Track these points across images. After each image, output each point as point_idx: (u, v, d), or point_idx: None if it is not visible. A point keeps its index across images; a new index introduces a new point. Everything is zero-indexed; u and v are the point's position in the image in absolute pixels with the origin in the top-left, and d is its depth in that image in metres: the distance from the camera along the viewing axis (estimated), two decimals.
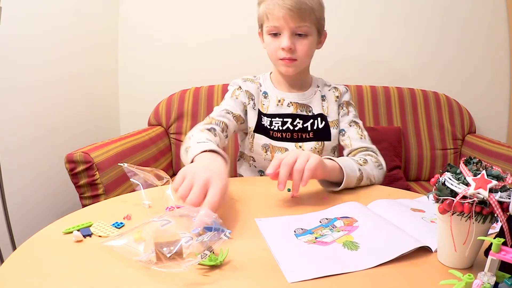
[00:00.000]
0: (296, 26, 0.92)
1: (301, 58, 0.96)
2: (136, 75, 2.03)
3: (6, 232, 1.26)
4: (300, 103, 1.03)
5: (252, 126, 1.03)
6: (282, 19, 0.91)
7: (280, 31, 0.94)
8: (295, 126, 1.01)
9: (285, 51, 0.93)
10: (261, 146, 1.02)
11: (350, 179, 0.81)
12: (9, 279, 0.47)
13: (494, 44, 1.88)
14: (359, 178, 0.83)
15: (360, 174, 0.84)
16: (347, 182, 0.80)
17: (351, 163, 0.84)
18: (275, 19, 0.92)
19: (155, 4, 1.96)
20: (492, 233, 0.49)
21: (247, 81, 1.06)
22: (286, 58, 0.94)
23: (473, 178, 0.45)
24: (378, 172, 0.91)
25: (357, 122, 1.05)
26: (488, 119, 1.93)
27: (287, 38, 0.92)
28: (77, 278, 0.47)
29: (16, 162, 1.34)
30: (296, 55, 0.95)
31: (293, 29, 0.93)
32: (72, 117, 1.66)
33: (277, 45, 0.95)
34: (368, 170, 0.87)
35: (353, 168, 0.83)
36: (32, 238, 0.58)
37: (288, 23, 0.91)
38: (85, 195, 1.23)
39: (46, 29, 1.47)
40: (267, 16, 0.94)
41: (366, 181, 0.86)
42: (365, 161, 0.90)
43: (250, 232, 0.61)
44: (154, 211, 0.69)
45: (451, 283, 0.41)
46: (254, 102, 1.03)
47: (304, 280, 0.47)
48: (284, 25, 0.92)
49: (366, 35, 1.93)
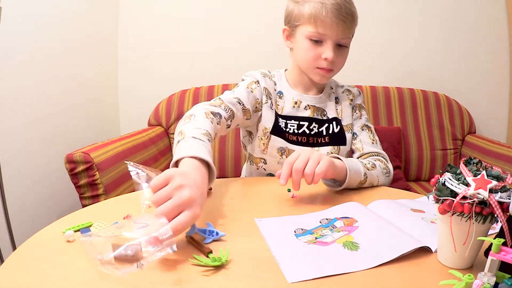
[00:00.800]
0: (343, 37, 0.89)
1: (338, 69, 0.94)
2: (136, 75, 2.03)
3: (6, 232, 1.26)
4: (317, 107, 0.99)
5: (269, 127, 0.95)
6: (330, 28, 0.86)
7: (324, 39, 0.88)
8: (311, 130, 0.97)
9: (327, 61, 0.89)
10: (277, 148, 0.96)
11: (351, 181, 0.80)
12: (9, 279, 0.47)
13: (494, 44, 1.89)
14: (361, 182, 0.83)
15: (364, 178, 0.83)
16: (349, 183, 0.80)
17: (358, 166, 0.83)
18: (323, 26, 0.86)
19: (155, 4, 1.96)
20: (492, 234, 0.49)
21: (266, 76, 0.99)
22: (326, 68, 0.90)
23: (473, 179, 0.45)
24: (384, 179, 0.90)
25: (369, 127, 1.03)
26: (488, 119, 1.94)
27: (331, 49, 0.88)
28: (77, 278, 0.47)
29: (16, 162, 1.34)
30: (334, 66, 0.92)
31: (340, 40, 0.89)
32: (72, 117, 1.66)
33: (317, 53, 0.89)
34: (374, 175, 0.86)
35: (359, 171, 0.82)
36: (32, 238, 0.58)
37: (337, 33, 0.87)
38: (85, 195, 1.23)
39: (46, 29, 1.47)
40: (315, 19, 0.86)
41: (368, 185, 0.86)
42: (373, 166, 0.89)
43: (250, 232, 0.61)
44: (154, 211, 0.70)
45: (451, 283, 0.41)
46: (272, 102, 0.97)
47: (304, 280, 0.47)
48: (332, 35, 0.87)
49: (366, 35, 1.93)
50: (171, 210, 0.51)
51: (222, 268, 0.50)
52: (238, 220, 0.65)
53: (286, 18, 0.96)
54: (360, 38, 1.94)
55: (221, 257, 0.50)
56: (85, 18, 1.73)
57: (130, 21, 1.99)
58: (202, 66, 1.98)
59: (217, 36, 1.95)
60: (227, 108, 0.87)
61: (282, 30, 0.98)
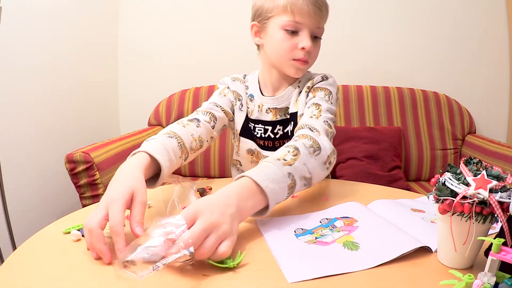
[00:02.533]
0: (317, 26, 0.86)
1: (312, 60, 0.89)
2: (136, 75, 2.04)
3: (6, 232, 1.26)
4: (279, 108, 0.93)
5: (238, 128, 0.96)
6: (308, 16, 0.83)
7: (299, 29, 0.84)
8: (276, 134, 0.94)
9: (305, 51, 0.84)
10: (247, 150, 0.96)
11: (277, 196, 0.62)
12: (9, 279, 0.47)
13: (494, 44, 1.89)
14: (290, 186, 0.64)
15: (292, 180, 0.64)
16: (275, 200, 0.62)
17: (274, 170, 0.63)
18: (300, 14, 0.83)
19: (155, 4, 1.96)
20: (492, 233, 0.49)
21: (236, 80, 0.99)
22: (302, 59, 0.85)
23: (473, 178, 0.45)
24: (314, 161, 0.69)
25: (319, 104, 0.85)
26: (488, 119, 1.94)
27: (308, 38, 0.84)
28: (77, 278, 0.47)
29: (16, 162, 1.34)
30: (309, 58, 0.87)
31: (314, 29, 0.85)
32: (72, 117, 1.66)
33: (293, 43, 0.84)
34: (300, 167, 0.66)
35: (279, 176, 0.62)
36: (32, 238, 0.58)
37: (314, 22, 0.84)
38: (85, 195, 1.23)
39: (46, 30, 1.47)
40: (291, 8, 0.83)
41: (300, 184, 0.66)
42: (295, 152, 0.68)
43: (250, 232, 0.61)
44: (154, 211, 0.70)
45: (451, 283, 0.41)
46: (242, 103, 0.95)
47: (304, 280, 0.47)
48: (308, 23, 0.84)
49: (366, 35, 1.94)
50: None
51: (221, 268, 0.50)
52: None
53: (255, 13, 0.92)
54: (361, 38, 1.95)
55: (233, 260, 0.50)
56: (86, 19, 1.73)
57: (130, 21, 1.99)
58: (202, 66, 1.98)
59: (217, 36, 1.95)
60: (205, 112, 0.90)
61: (250, 26, 0.93)
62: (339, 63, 1.96)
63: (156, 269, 0.45)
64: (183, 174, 1.82)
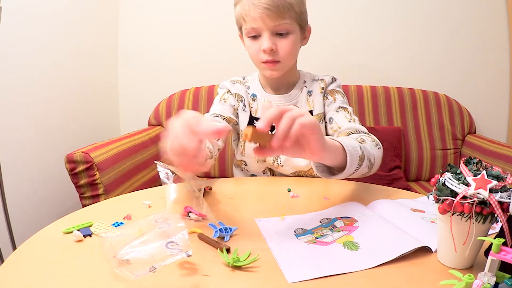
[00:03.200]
0: (275, 25, 0.86)
1: (285, 59, 0.89)
2: (136, 75, 2.04)
3: (6, 232, 1.26)
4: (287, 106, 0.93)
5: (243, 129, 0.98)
6: (259, 20, 0.85)
7: (260, 32, 0.88)
8: None
9: (266, 53, 0.87)
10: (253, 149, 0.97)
11: (353, 159, 0.69)
12: (9, 279, 0.47)
13: (494, 44, 1.89)
14: (361, 157, 0.72)
15: (362, 152, 0.73)
16: (351, 162, 0.68)
17: (351, 141, 0.73)
18: (252, 20, 0.86)
19: (155, 4, 1.96)
20: (492, 233, 0.49)
21: (236, 83, 1.01)
22: (269, 60, 0.88)
23: (473, 178, 0.45)
24: (377, 151, 0.80)
25: (346, 108, 0.95)
26: (488, 119, 1.94)
27: (267, 39, 0.86)
28: (77, 278, 0.47)
29: (16, 162, 1.34)
30: (279, 56, 0.88)
31: (272, 28, 0.86)
32: (72, 117, 1.66)
33: (257, 48, 0.88)
34: (368, 148, 0.77)
35: (354, 145, 0.72)
36: (32, 238, 0.58)
37: (267, 23, 0.85)
38: (85, 195, 1.23)
39: (46, 30, 1.47)
40: (244, 18, 0.88)
41: (366, 163, 0.74)
42: (362, 140, 0.79)
43: (250, 232, 0.61)
44: (154, 211, 0.70)
45: (451, 283, 0.41)
46: (244, 104, 0.98)
47: (304, 280, 0.47)
48: (262, 26, 0.86)
49: (366, 35, 1.94)
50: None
51: (222, 267, 0.50)
52: (238, 220, 0.65)
53: (236, 25, 0.98)
54: (361, 38, 1.95)
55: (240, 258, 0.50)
56: (86, 19, 1.73)
57: (130, 21, 1.99)
58: (202, 66, 1.98)
59: (217, 36, 1.95)
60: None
61: (239, 37, 0.99)
62: (339, 63, 1.96)
63: (153, 270, 0.45)
64: None
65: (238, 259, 0.50)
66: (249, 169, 1.02)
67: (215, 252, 0.53)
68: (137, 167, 1.47)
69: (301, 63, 1.01)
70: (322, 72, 1.05)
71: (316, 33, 1.75)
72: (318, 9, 1.90)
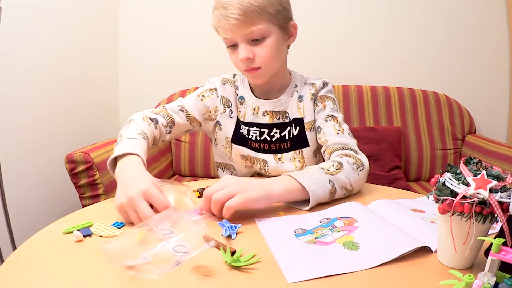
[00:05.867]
0: (246, 33, 0.83)
1: (264, 65, 0.86)
2: (136, 75, 2.03)
3: (6, 232, 1.26)
4: (276, 111, 0.94)
5: (229, 136, 0.95)
6: (229, 31, 0.83)
7: (235, 41, 0.85)
8: (272, 137, 0.93)
9: (244, 62, 0.85)
10: (240, 156, 0.95)
11: (318, 196, 0.71)
12: (9, 279, 0.47)
13: (494, 44, 1.88)
14: (331, 191, 0.73)
15: (332, 187, 0.73)
16: (315, 200, 0.71)
17: (317, 176, 0.73)
18: (224, 31, 0.85)
19: (155, 4, 1.96)
20: (492, 233, 0.49)
21: (226, 83, 0.97)
22: (248, 69, 0.86)
23: (473, 178, 0.45)
24: (356, 176, 0.78)
25: (335, 116, 0.92)
26: (488, 119, 1.93)
27: (243, 49, 0.84)
28: (77, 278, 0.47)
29: (17, 162, 1.34)
30: (258, 63, 0.85)
31: (245, 37, 0.84)
32: (72, 117, 1.66)
33: (236, 57, 0.87)
34: (342, 178, 0.75)
35: (320, 180, 0.72)
36: (32, 238, 0.58)
37: (238, 32, 0.83)
38: (85, 195, 1.23)
39: (46, 30, 1.47)
40: (217, 29, 0.88)
41: (341, 192, 0.75)
42: (339, 166, 0.77)
43: (250, 232, 0.61)
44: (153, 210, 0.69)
45: (451, 283, 0.41)
46: (231, 109, 0.95)
47: (304, 280, 0.47)
48: (235, 36, 0.84)
49: (366, 35, 1.93)
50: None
51: (222, 267, 0.50)
52: (238, 220, 0.65)
53: None
54: (360, 38, 1.95)
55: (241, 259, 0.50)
56: (86, 18, 1.73)
57: (130, 21, 1.99)
58: (202, 66, 1.98)
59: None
60: (167, 115, 0.91)
61: None
62: (339, 63, 1.96)
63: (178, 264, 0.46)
64: (183, 174, 1.82)
65: (238, 259, 0.50)
66: (238, 173, 1.00)
67: (216, 252, 0.53)
68: None
69: (300, 63, 1.00)
70: (319, 74, 1.04)
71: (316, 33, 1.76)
72: (318, 8, 1.90)
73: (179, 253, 0.48)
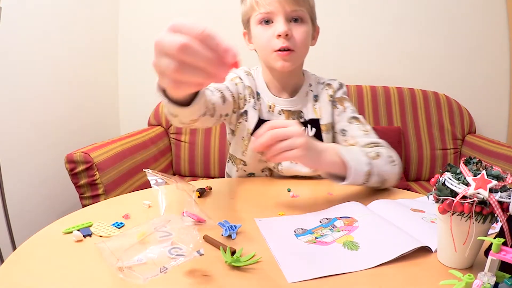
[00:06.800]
0: (292, 10, 0.81)
1: (299, 48, 0.84)
2: (136, 75, 2.03)
3: (6, 232, 1.26)
4: (291, 111, 0.92)
5: (251, 128, 0.90)
6: (275, 3, 0.81)
7: (273, 18, 0.82)
8: None
9: (281, 37, 0.81)
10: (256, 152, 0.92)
11: (356, 174, 0.73)
12: (9, 279, 0.47)
13: (494, 44, 1.89)
14: (367, 173, 0.74)
15: (369, 169, 0.74)
16: (353, 179, 0.73)
17: (358, 156, 0.75)
18: (267, 3, 0.81)
19: (155, 4, 1.96)
20: (492, 233, 0.49)
21: (249, 75, 0.94)
22: (283, 47, 0.82)
23: (473, 178, 0.45)
24: (390, 168, 0.80)
25: (357, 117, 0.93)
26: (488, 119, 1.94)
27: (282, 23, 0.81)
28: (77, 278, 0.47)
29: (16, 162, 1.34)
30: (293, 44, 0.82)
31: (288, 13, 0.82)
32: (72, 117, 1.66)
33: (270, 34, 0.82)
34: (379, 165, 0.77)
35: (360, 161, 0.74)
36: (32, 238, 0.58)
37: (283, 6, 0.81)
38: (85, 195, 1.23)
39: (46, 30, 1.47)
40: (257, 2, 0.83)
41: (376, 178, 0.76)
42: (377, 154, 0.79)
43: (250, 232, 0.61)
44: (153, 211, 0.70)
45: (451, 283, 0.41)
46: (255, 101, 0.91)
47: (304, 280, 0.47)
48: (278, 9, 0.81)
49: (366, 35, 1.94)
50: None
51: (222, 267, 0.50)
52: (238, 220, 0.65)
53: (242, 21, 0.93)
54: (360, 38, 1.95)
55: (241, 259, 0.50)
56: (86, 19, 1.73)
57: (131, 21, 1.99)
58: None
59: None
60: (216, 89, 0.84)
61: (243, 35, 0.94)
62: (339, 63, 1.96)
63: (164, 271, 0.44)
64: (183, 174, 1.82)
65: (238, 259, 0.50)
66: (247, 168, 0.97)
67: (216, 252, 0.53)
68: (137, 167, 1.47)
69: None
70: (322, 73, 1.04)
71: None
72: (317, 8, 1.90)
73: (174, 255, 0.47)
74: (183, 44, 0.39)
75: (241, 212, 0.69)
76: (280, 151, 0.65)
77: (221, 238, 0.58)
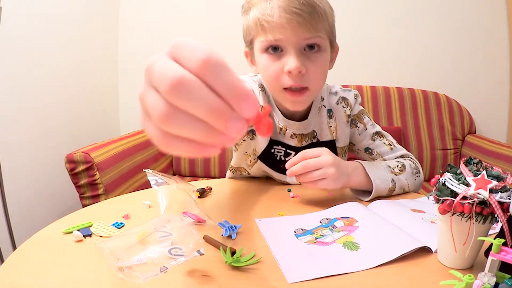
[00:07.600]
0: (306, 37, 0.66)
1: (315, 86, 0.70)
2: (136, 75, 2.03)
3: (6, 232, 1.26)
4: (305, 134, 0.82)
5: (259, 151, 0.82)
6: (287, 28, 0.64)
7: (283, 47, 0.67)
8: None
9: (292, 75, 0.67)
10: (262, 171, 0.87)
11: (379, 191, 0.75)
12: (9, 279, 0.47)
13: (494, 44, 1.89)
14: (390, 189, 0.76)
15: (393, 185, 0.76)
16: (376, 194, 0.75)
17: (383, 172, 0.76)
18: (277, 28, 0.65)
19: (155, 3, 1.96)
20: (492, 234, 0.49)
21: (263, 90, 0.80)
22: (295, 87, 0.68)
23: (473, 179, 0.45)
24: (414, 180, 0.81)
25: (379, 132, 0.87)
26: (488, 119, 1.94)
27: (294, 57, 0.65)
28: (77, 278, 0.47)
29: (16, 162, 1.34)
30: (307, 81, 0.68)
31: (302, 42, 0.66)
32: (72, 117, 1.66)
33: (279, 68, 0.68)
34: (403, 179, 0.78)
35: (385, 178, 0.75)
36: (32, 238, 0.58)
37: (296, 32, 0.65)
38: (85, 195, 1.23)
39: (46, 29, 1.47)
40: (263, 25, 0.66)
41: (398, 191, 0.78)
42: (402, 168, 0.79)
43: (250, 232, 0.61)
44: (153, 211, 0.70)
45: (451, 283, 0.41)
46: None
47: (304, 280, 0.47)
48: (289, 38, 0.65)
49: (366, 35, 1.94)
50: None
51: (222, 267, 0.50)
52: (238, 220, 0.65)
53: (244, 40, 0.77)
54: (361, 37, 1.95)
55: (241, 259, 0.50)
56: (86, 18, 1.73)
57: (130, 21, 1.99)
58: None
59: (217, 37, 1.95)
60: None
61: (245, 55, 0.80)
62: (338, 64, 1.95)
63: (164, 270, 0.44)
64: (183, 174, 1.82)
65: (238, 259, 0.50)
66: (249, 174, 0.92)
67: (216, 252, 0.53)
68: (137, 167, 1.47)
69: None
70: None
71: None
72: None
73: (174, 255, 0.47)
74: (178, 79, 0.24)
75: (241, 212, 0.69)
76: (312, 180, 0.70)
77: (221, 238, 0.58)
